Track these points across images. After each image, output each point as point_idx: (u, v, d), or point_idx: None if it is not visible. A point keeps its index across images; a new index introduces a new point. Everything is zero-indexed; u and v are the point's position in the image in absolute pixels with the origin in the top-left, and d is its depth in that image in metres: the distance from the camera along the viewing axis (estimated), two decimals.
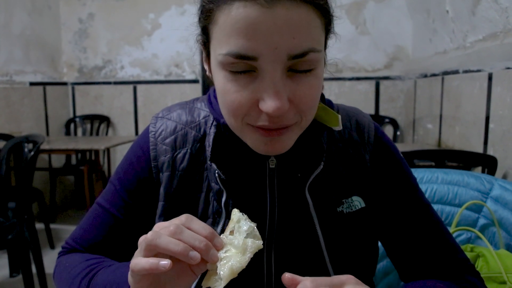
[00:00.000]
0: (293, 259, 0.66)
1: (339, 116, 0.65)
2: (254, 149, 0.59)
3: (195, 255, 0.47)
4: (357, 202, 0.68)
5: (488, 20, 2.04)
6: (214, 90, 0.69)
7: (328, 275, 0.66)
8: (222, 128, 0.65)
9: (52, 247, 2.96)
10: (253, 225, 0.52)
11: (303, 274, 0.67)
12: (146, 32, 3.95)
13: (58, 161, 3.93)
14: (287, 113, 0.54)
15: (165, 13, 3.89)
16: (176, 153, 0.67)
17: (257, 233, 0.51)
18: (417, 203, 0.71)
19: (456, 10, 2.47)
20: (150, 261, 0.46)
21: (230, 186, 0.64)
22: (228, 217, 0.64)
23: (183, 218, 0.51)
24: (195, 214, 0.66)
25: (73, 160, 3.97)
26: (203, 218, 0.66)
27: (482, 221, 1.06)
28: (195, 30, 0.61)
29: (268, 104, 0.52)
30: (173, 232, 0.48)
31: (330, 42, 0.63)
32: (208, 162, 0.65)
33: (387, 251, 0.75)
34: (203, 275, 0.52)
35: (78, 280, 0.63)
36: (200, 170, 0.67)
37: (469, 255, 0.97)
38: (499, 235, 1.03)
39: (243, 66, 0.52)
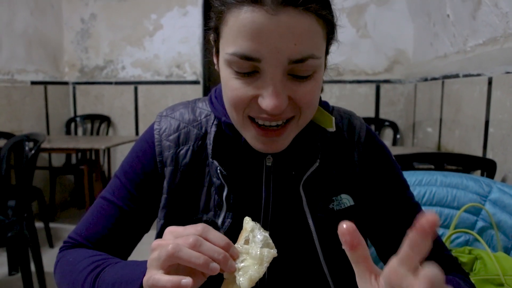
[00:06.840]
0: (287, 254, 0.67)
1: (333, 118, 0.68)
2: (252, 146, 0.63)
3: (215, 266, 0.49)
4: (346, 200, 0.71)
5: (489, 24, 2.05)
6: (216, 91, 0.73)
7: (322, 270, 0.67)
8: (223, 125, 0.68)
9: (51, 246, 2.97)
10: (267, 234, 0.54)
11: (297, 269, 0.69)
12: (148, 33, 3.96)
13: (58, 160, 3.93)
14: (286, 109, 0.58)
15: (167, 14, 3.89)
16: (179, 150, 0.70)
17: (271, 241, 0.53)
18: (405, 202, 0.73)
19: (457, 14, 2.48)
20: (172, 280, 0.48)
21: (230, 181, 0.67)
22: (228, 210, 0.67)
23: (200, 228, 0.52)
24: (196, 207, 0.70)
25: (73, 160, 3.98)
26: (205, 210, 0.69)
27: (480, 223, 1.06)
28: (201, 30, 0.64)
29: (267, 102, 0.56)
30: (192, 245, 0.49)
31: (332, 48, 0.65)
32: (210, 159, 0.68)
33: (376, 251, 0.76)
34: (215, 281, 0.53)
35: (83, 275, 0.63)
36: (202, 166, 0.70)
37: (467, 257, 0.98)
38: (497, 238, 1.03)
39: (247, 66, 0.56)
